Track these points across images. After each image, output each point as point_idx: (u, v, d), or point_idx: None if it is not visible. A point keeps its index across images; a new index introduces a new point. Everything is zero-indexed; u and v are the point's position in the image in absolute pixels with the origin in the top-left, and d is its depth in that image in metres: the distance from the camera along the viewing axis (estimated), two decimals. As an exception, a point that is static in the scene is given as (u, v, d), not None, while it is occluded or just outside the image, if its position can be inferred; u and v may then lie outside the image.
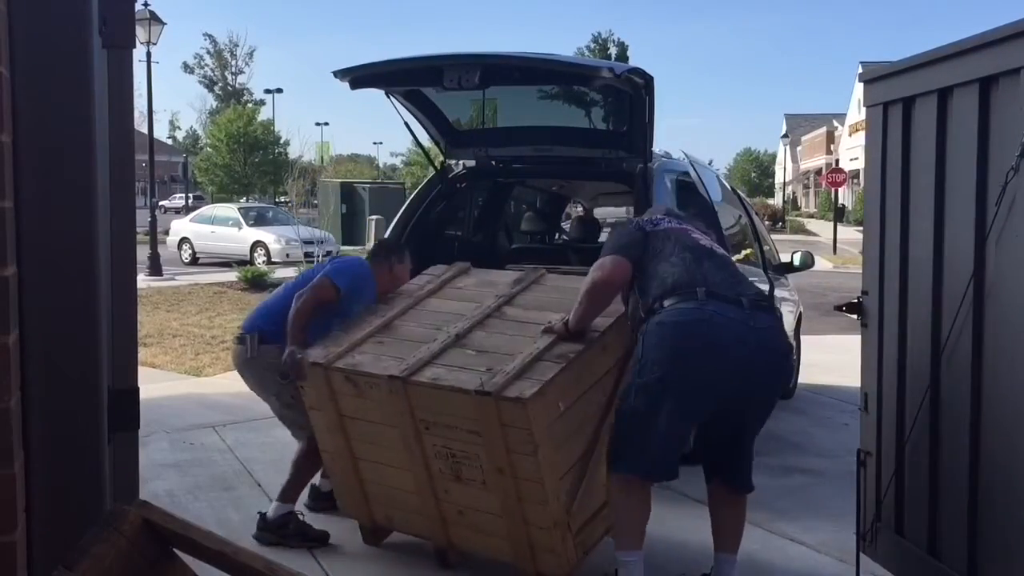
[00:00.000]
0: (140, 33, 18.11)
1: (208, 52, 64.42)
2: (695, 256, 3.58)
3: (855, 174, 42.99)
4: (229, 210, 24.90)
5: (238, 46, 64.49)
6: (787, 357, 3.69)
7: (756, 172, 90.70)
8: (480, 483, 3.68)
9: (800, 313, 8.19)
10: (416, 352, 3.81)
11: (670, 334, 3.38)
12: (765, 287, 6.56)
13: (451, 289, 4.44)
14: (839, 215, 38.24)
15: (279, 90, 55.92)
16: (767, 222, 25.47)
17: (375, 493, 4.10)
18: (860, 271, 3.86)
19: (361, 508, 4.18)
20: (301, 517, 4.33)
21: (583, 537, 3.74)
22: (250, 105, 55.88)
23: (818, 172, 60.38)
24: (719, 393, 3.43)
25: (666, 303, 3.42)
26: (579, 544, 3.72)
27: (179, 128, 75.99)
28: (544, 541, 3.65)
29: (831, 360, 8.94)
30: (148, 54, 19.71)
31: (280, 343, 4.16)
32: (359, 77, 5.25)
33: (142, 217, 16.76)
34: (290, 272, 16.97)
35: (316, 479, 4.64)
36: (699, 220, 4.07)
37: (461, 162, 6.17)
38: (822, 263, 21.51)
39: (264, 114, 52.62)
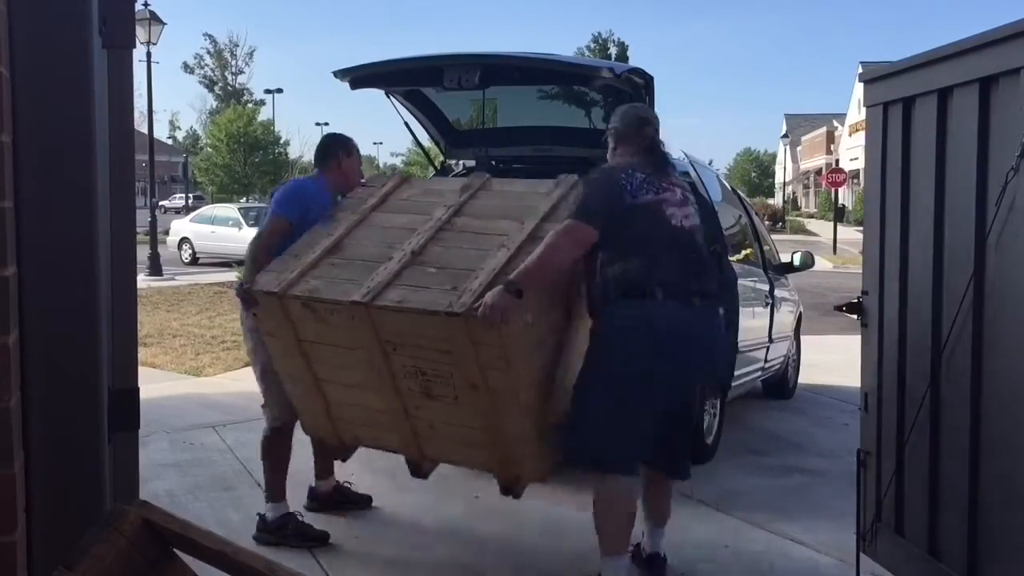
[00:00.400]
0: (140, 33, 18.12)
1: (208, 52, 64.39)
2: (664, 246, 3.62)
3: (855, 174, 42.99)
4: (229, 210, 24.84)
5: (238, 46, 64.46)
6: (726, 345, 3.94)
7: (756, 172, 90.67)
8: (452, 399, 3.68)
9: (800, 313, 8.20)
10: (374, 274, 3.73)
11: (627, 339, 3.53)
12: (765, 287, 6.66)
13: (396, 201, 4.31)
14: (839, 215, 38.25)
15: (279, 90, 55.93)
16: (767, 222, 25.43)
17: (340, 414, 4.09)
18: (860, 271, 3.86)
19: (327, 428, 4.17)
20: (300, 518, 4.33)
21: (557, 440, 3.76)
22: (250, 105, 55.84)
23: (818, 172, 60.38)
24: (674, 386, 3.66)
25: (624, 301, 3.54)
26: (553, 447, 3.75)
27: (179, 128, 76.13)
28: (520, 450, 3.70)
29: (831, 360, 8.94)
30: (148, 54, 19.72)
31: None
32: (359, 77, 5.26)
33: (142, 217, 16.76)
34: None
35: (313, 481, 4.67)
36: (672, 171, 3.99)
37: (461, 162, 6.17)
38: (822, 263, 21.51)
39: (264, 114, 52.57)
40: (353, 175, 4.54)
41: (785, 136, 61.81)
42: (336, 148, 4.52)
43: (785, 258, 7.61)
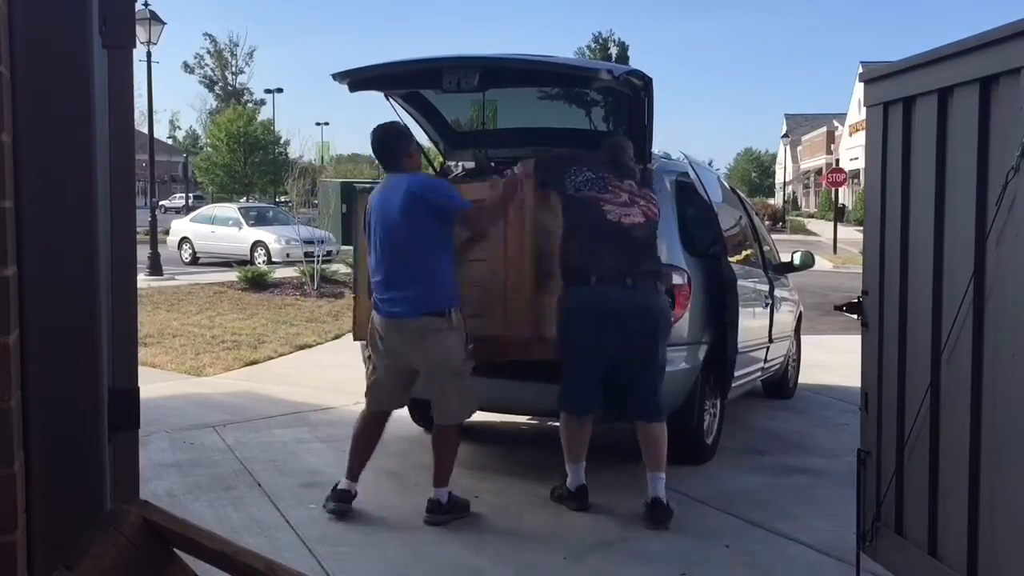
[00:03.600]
0: (140, 33, 18.10)
1: (208, 52, 64.35)
2: (596, 236, 4.55)
3: (855, 174, 42.98)
4: (229, 210, 24.84)
5: (238, 46, 64.45)
6: (657, 313, 4.68)
7: (756, 172, 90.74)
8: None
9: (800, 313, 8.20)
10: None
11: (574, 317, 4.59)
12: (765, 287, 6.66)
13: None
14: (839, 215, 38.23)
15: (279, 90, 56.00)
16: (767, 222, 25.42)
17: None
18: (860, 271, 3.86)
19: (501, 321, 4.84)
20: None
21: None
22: (250, 105, 55.90)
23: (818, 172, 60.41)
24: (618, 351, 4.59)
25: (572, 286, 4.59)
26: None
27: (179, 128, 75.97)
28: None
29: (831, 360, 8.94)
30: (148, 54, 19.69)
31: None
32: (358, 80, 5.24)
33: (142, 217, 16.74)
34: (290, 272, 16.95)
35: (343, 483, 4.71)
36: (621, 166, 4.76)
37: (460, 163, 6.16)
38: (822, 263, 21.51)
39: (264, 114, 52.75)
40: (420, 160, 4.84)
41: (785, 136, 61.80)
42: (402, 144, 4.68)
43: (785, 258, 7.62)
